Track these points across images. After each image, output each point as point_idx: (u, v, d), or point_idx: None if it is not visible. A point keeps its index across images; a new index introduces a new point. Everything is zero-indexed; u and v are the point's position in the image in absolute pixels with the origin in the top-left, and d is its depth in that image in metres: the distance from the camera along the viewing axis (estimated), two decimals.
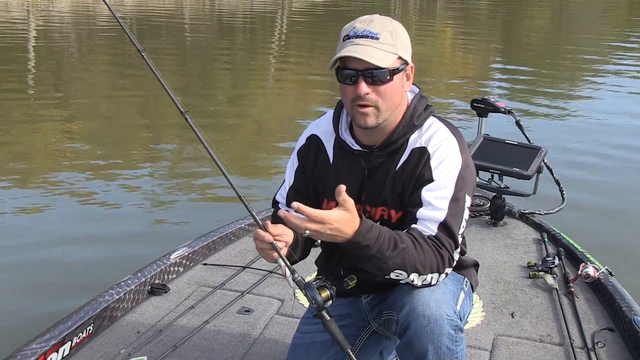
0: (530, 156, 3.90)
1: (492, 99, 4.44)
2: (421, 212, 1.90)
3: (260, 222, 1.81)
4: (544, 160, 3.94)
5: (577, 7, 29.82)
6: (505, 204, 4.07)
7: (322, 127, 2.14)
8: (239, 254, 3.60)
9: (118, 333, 2.82)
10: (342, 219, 1.74)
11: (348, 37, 1.89)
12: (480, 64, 14.46)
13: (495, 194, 4.07)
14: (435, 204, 1.90)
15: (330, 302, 1.85)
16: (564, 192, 4.22)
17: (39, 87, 10.95)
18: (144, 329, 2.85)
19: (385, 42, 1.86)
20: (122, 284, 3.03)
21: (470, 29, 21.97)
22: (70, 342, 2.64)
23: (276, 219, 1.94)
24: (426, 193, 1.91)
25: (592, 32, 20.59)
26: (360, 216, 1.79)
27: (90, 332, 2.76)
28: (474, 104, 4.46)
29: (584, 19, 26.07)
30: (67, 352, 2.63)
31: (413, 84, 2.05)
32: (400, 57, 1.89)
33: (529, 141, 4.26)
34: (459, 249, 1.93)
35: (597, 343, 2.77)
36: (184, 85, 10.81)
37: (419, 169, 1.94)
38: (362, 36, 1.87)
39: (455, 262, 1.92)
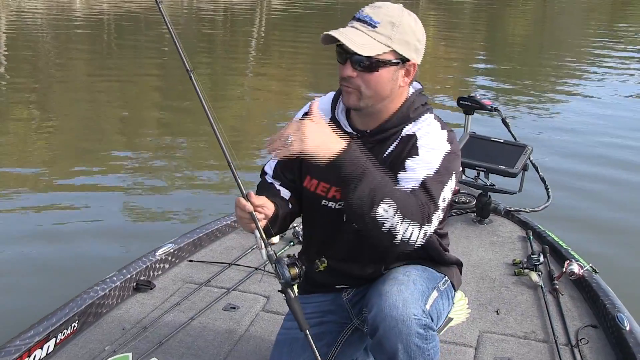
0: (516, 154, 3.91)
1: (479, 97, 4.45)
2: (401, 175, 1.86)
3: (244, 191, 1.84)
4: (529, 158, 3.95)
5: (561, 3, 29.96)
6: (491, 202, 4.08)
7: (321, 105, 2.11)
8: (225, 250, 3.59)
9: (103, 329, 2.81)
10: (313, 121, 1.72)
11: (353, 18, 1.88)
12: (465, 62, 14.47)
13: (481, 191, 4.08)
14: (417, 168, 1.85)
15: (298, 280, 1.85)
16: (549, 190, 4.23)
17: (13, 77, 10.86)
18: (129, 325, 2.84)
19: (381, 32, 1.84)
20: (107, 280, 3.02)
21: (453, 24, 22.02)
22: (54, 339, 2.63)
23: (261, 190, 2.01)
24: (410, 161, 1.87)
25: (577, 29, 20.72)
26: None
27: (75, 328, 2.74)
28: (460, 102, 4.47)
29: (568, 15, 26.20)
30: (52, 349, 2.62)
31: (416, 81, 2.03)
32: (394, 51, 1.86)
33: (515, 139, 4.27)
34: (438, 214, 1.82)
35: (580, 340, 2.79)
36: (164, 74, 10.78)
37: (406, 150, 1.92)
38: (362, 21, 1.85)
39: (434, 226, 1.81)
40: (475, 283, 3.33)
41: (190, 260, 3.47)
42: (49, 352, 2.60)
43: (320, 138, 1.71)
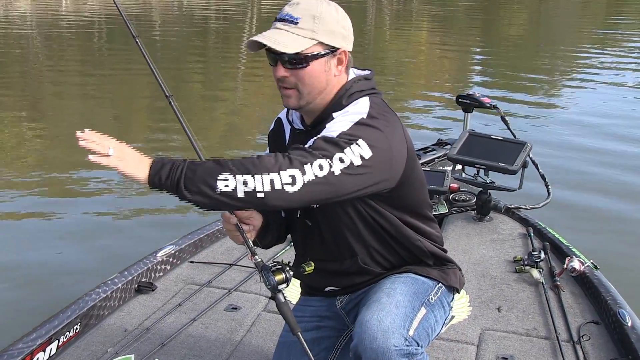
0: (516, 151, 3.91)
1: (477, 95, 4.45)
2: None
3: None
4: (529, 155, 3.95)
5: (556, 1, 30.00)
6: (491, 199, 4.08)
7: (282, 114, 2.18)
8: (226, 251, 3.59)
9: (105, 332, 2.81)
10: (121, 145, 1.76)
11: (275, 19, 1.90)
12: (462, 59, 14.47)
13: (481, 189, 4.08)
14: (319, 136, 1.81)
15: (285, 285, 1.87)
16: (549, 187, 4.23)
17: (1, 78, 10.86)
18: (131, 327, 2.84)
19: (303, 27, 1.85)
20: (109, 282, 3.02)
21: (448, 19, 22.00)
22: (57, 341, 2.63)
23: None
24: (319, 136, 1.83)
25: (572, 26, 20.72)
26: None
27: (77, 331, 2.74)
28: (459, 100, 4.48)
29: (563, 13, 26.20)
30: (54, 352, 2.62)
31: (367, 68, 2.04)
32: (321, 43, 1.87)
33: (514, 136, 4.27)
34: (317, 163, 1.73)
35: (582, 336, 2.79)
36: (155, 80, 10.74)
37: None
38: (283, 20, 1.87)
39: (311, 172, 1.72)
40: (476, 281, 3.33)
41: (192, 262, 3.47)
42: (51, 355, 2.60)
43: (135, 162, 1.76)
